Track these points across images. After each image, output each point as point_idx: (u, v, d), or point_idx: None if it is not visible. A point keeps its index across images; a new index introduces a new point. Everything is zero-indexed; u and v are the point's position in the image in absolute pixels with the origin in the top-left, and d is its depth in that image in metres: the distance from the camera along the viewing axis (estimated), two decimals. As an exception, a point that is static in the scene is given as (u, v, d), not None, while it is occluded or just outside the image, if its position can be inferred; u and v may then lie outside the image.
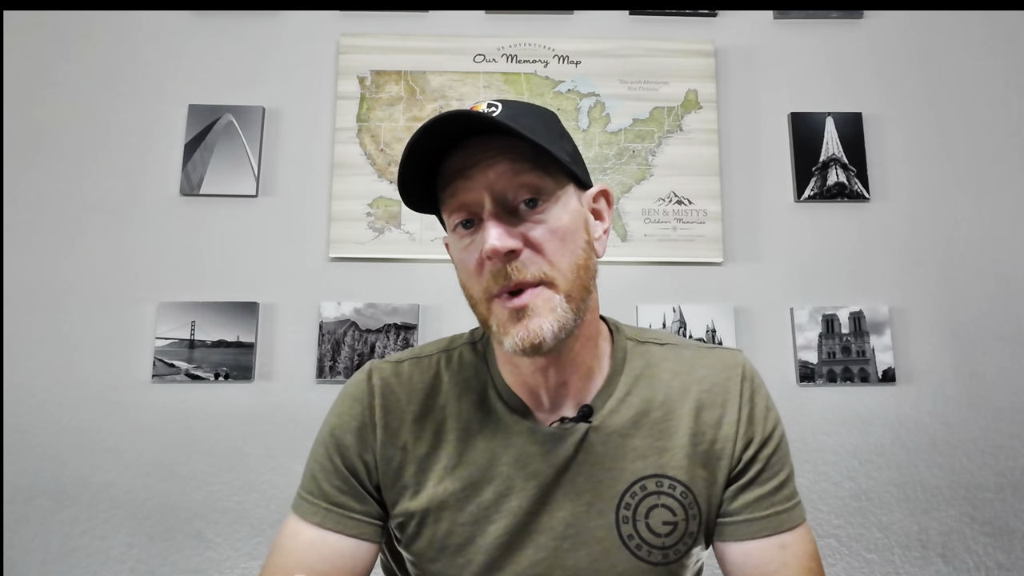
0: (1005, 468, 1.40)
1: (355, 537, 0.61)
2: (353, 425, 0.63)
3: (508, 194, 0.55)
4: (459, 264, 0.59)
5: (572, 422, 0.61)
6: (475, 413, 0.63)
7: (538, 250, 0.55)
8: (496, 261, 0.54)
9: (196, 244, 1.45)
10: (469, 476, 0.61)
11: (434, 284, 1.44)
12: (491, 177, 0.55)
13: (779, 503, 0.62)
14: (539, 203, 0.56)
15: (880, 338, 1.43)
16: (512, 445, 0.61)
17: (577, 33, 1.56)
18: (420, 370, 0.66)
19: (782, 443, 0.64)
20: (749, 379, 0.65)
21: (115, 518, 1.34)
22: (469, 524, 0.61)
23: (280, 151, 1.50)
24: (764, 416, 0.64)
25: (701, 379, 0.65)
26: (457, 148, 0.57)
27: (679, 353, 0.67)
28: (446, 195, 0.57)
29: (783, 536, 0.60)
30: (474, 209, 0.56)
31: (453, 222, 0.58)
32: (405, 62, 1.52)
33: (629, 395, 0.63)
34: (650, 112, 1.52)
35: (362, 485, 0.62)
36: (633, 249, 1.46)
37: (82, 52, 1.51)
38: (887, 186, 1.51)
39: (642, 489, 0.61)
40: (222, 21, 1.54)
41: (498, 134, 0.55)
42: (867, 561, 1.37)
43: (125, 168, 1.47)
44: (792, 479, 0.64)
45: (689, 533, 0.61)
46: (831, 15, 1.58)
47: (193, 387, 1.39)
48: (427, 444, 0.63)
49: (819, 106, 1.54)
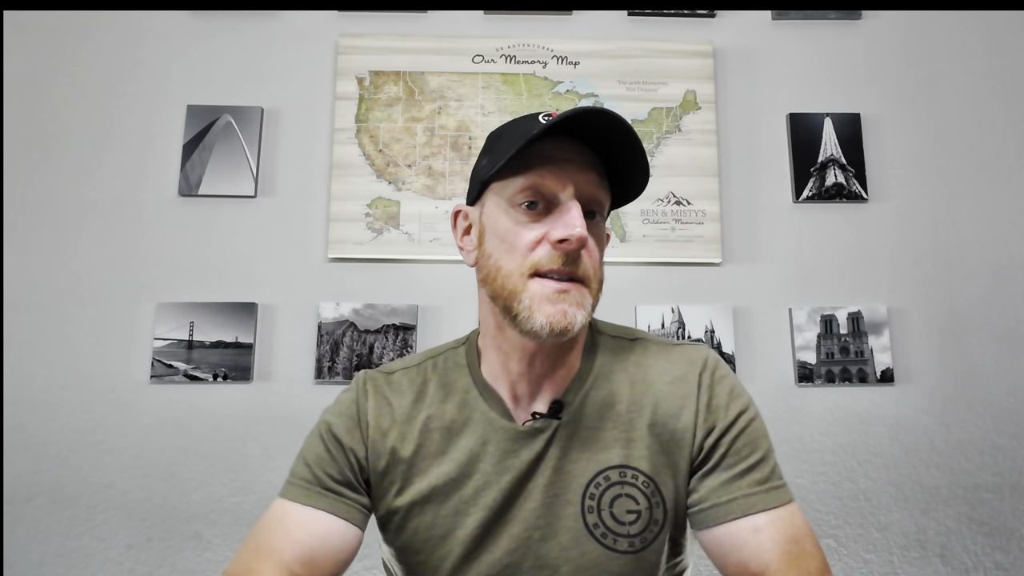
0: (1003, 468, 1.41)
1: (346, 520, 0.63)
2: (349, 423, 0.67)
3: (585, 198, 0.61)
4: (502, 236, 0.62)
5: (544, 418, 0.64)
6: (458, 413, 0.67)
7: (590, 254, 0.62)
8: (572, 245, 0.58)
9: (195, 245, 1.45)
10: (451, 472, 0.64)
11: (433, 285, 1.44)
12: (580, 179, 0.61)
13: (749, 486, 0.61)
14: (596, 217, 0.64)
15: (878, 338, 1.44)
16: (490, 442, 0.65)
17: (576, 34, 1.56)
18: (409, 378, 0.70)
19: (750, 428, 0.63)
20: (710, 370, 0.66)
21: (113, 519, 1.34)
22: (451, 516, 0.64)
23: (279, 152, 1.50)
24: (726, 404, 0.64)
25: (663, 372, 0.67)
26: (550, 138, 0.61)
27: (645, 348, 0.70)
28: (526, 172, 0.61)
29: (755, 518, 0.59)
30: (549, 195, 0.61)
31: (520, 198, 0.61)
32: (404, 63, 1.52)
33: (597, 389, 0.67)
34: (649, 113, 1.52)
35: (354, 476, 0.66)
36: (632, 250, 1.46)
37: (81, 53, 1.51)
38: (885, 187, 1.52)
39: (606, 480, 0.63)
40: (221, 22, 1.54)
41: (581, 143, 0.62)
42: (865, 561, 1.37)
43: (124, 168, 1.47)
44: (767, 463, 0.62)
45: (654, 521, 0.63)
46: (829, 16, 1.58)
47: (192, 388, 1.39)
48: (414, 444, 0.66)
49: (817, 107, 1.54)
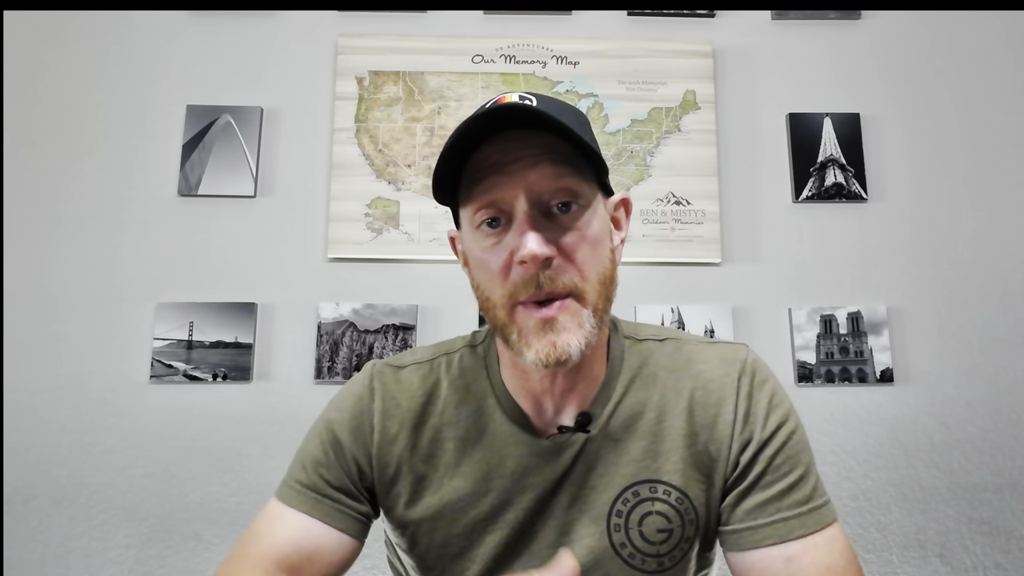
0: (1003, 468, 1.41)
1: (340, 530, 0.59)
2: (352, 424, 0.62)
3: (545, 196, 0.53)
4: (478, 265, 0.56)
5: (570, 431, 0.59)
6: (474, 423, 0.61)
7: (569, 257, 0.53)
8: (531, 267, 0.51)
9: (194, 245, 1.44)
10: (466, 488, 0.59)
11: (433, 285, 1.44)
12: (531, 178, 0.52)
13: (787, 508, 0.56)
14: (573, 208, 0.54)
15: (878, 338, 1.44)
16: (510, 457, 0.59)
17: (575, 33, 1.56)
18: (420, 376, 0.64)
19: (791, 442, 0.58)
20: (749, 374, 0.60)
21: (113, 519, 1.34)
22: (466, 535, 0.59)
23: (278, 151, 1.50)
24: (765, 414, 0.58)
25: (696, 376, 0.61)
26: (491, 141, 0.53)
27: (676, 348, 0.63)
28: (476, 190, 0.53)
29: (790, 546, 0.54)
30: (504, 208, 0.53)
31: (478, 219, 0.54)
32: (403, 63, 1.52)
33: (625, 398, 0.61)
34: (648, 113, 1.52)
35: (354, 484, 0.61)
36: (631, 249, 1.46)
37: (80, 52, 1.51)
38: (885, 187, 1.52)
39: (635, 495, 0.58)
40: (220, 21, 1.54)
41: (537, 131, 0.52)
42: (865, 561, 1.37)
43: (123, 168, 1.47)
44: (807, 480, 0.57)
45: (685, 539, 0.58)
46: (829, 15, 1.58)
47: (191, 388, 1.39)
48: (424, 452, 0.61)
49: (817, 107, 1.54)
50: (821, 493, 0.58)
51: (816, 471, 0.59)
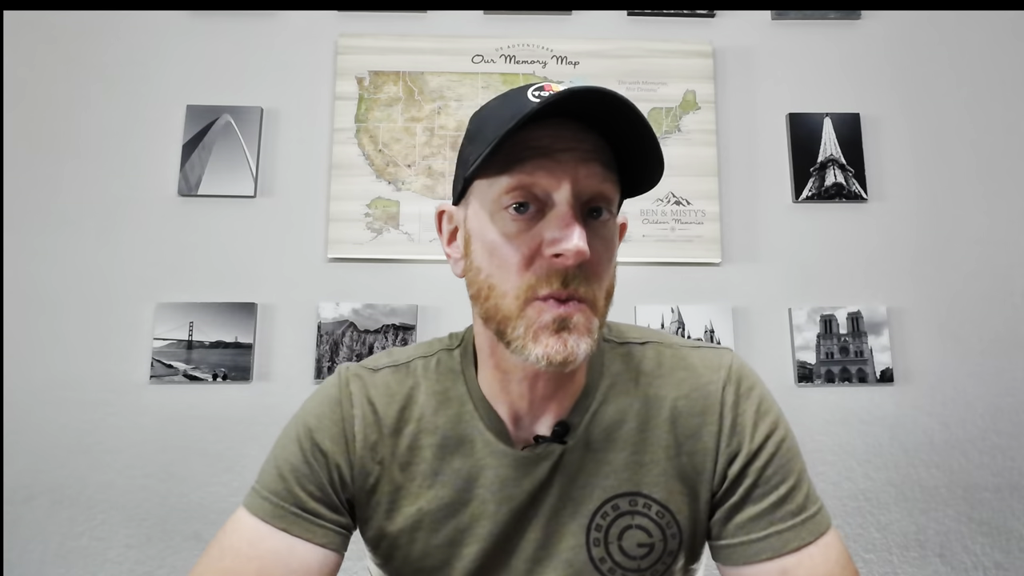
0: (1003, 468, 1.41)
1: (323, 547, 0.56)
2: (333, 431, 0.58)
3: (585, 195, 0.50)
4: (490, 249, 0.51)
5: (547, 442, 0.57)
6: (452, 430, 0.58)
7: (593, 263, 0.50)
8: (568, 262, 0.48)
9: (194, 245, 1.44)
10: (444, 497, 0.57)
11: (432, 285, 1.44)
12: (581, 172, 0.49)
13: (780, 520, 0.54)
14: (603, 215, 0.52)
15: (878, 338, 1.44)
16: (488, 467, 0.57)
17: (575, 34, 1.56)
18: (397, 379, 0.61)
19: (781, 451, 0.56)
20: (734, 383, 0.58)
21: (113, 519, 1.34)
22: (444, 546, 0.58)
23: (278, 152, 1.50)
24: (753, 424, 0.56)
25: (679, 383, 0.58)
26: (543, 122, 0.49)
27: (659, 353, 0.61)
28: (515, 168, 0.49)
29: (785, 560, 0.53)
30: (540, 195, 0.50)
31: (506, 200, 0.50)
32: (403, 63, 1.52)
33: (604, 406, 0.58)
34: (648, 113, 1.52)
35: (336, 494, 0.58)
36: (631, 249, 1.46)
37: (80, 53, 1.51)
38: (885, 187, 1.52)
39: (614, 509, 0.56)
40: (220, 21, 1.54)
41: (588, 128, 0.50)
42: (865, 561, 1.37)
43: (123, 168, 1.47)
44: (799, 489, 0.55)
45: (668, 553, 0.57)
46: (829, 16, 1.58)
47: (191, 388, 1.39)
48: (402, 459, 0.59)
49: (817, 107, 1.54)
50: (814, 500, 0.56)
51: (808, 477, 0.57)
